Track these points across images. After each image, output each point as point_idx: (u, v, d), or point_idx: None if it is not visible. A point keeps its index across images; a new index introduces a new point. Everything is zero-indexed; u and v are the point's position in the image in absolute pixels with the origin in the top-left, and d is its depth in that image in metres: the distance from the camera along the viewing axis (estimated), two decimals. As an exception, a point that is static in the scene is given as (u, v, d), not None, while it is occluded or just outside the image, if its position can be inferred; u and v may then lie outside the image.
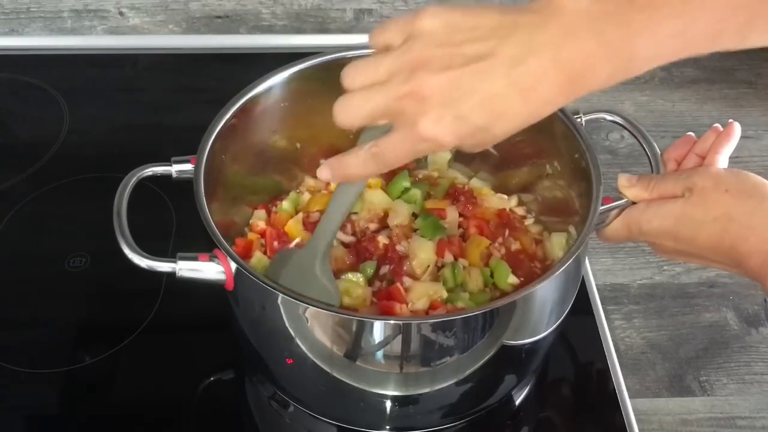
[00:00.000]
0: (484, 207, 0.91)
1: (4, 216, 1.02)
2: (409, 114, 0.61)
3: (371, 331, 0.71)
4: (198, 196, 0.75)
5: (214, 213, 0.76)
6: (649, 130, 0.84)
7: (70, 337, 0.91)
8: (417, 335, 0.70)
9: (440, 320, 0.72)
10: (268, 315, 0.73)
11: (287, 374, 0.81)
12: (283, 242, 0.86)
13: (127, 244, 0.73)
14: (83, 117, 1.16)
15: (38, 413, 0.86)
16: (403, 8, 1.28)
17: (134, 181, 0.78)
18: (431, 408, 0.80)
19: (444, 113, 0.60)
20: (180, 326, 0.93)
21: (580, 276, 0.81)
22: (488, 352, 0.73)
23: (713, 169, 0.77)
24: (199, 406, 0.86)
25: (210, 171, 0.78)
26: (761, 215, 0.72)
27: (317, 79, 0.88)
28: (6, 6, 1.25)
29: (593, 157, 0.79)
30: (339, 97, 0.65)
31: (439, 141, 0.61)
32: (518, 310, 0.72)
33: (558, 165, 0.86)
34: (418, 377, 0.75)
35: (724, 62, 1.28)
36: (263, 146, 0.89)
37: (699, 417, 0.87)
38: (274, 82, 0.86)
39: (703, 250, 0.75)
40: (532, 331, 0.76)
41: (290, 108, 0.89)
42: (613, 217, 0.79)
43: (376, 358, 0.72)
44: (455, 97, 0.60)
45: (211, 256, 0.72)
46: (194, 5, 1.27)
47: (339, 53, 0.88)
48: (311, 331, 0.72)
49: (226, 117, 0.82)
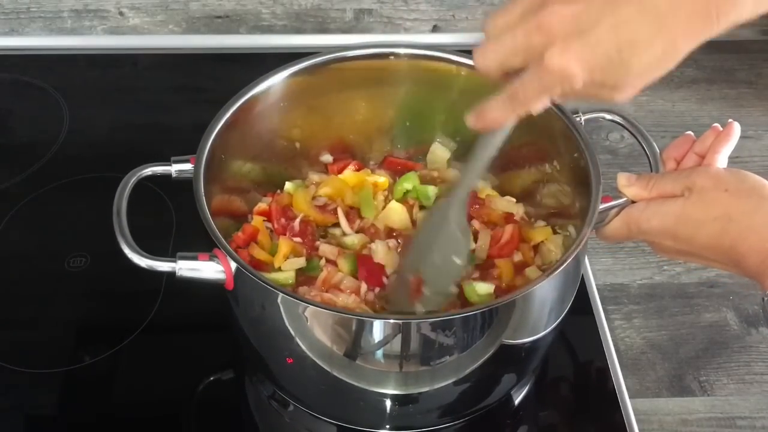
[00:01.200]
0: (491, 209, 0.91)
1: (4, 216, 1.02)
2: (537, 48, 0.60)
3: (371, 330, 0.71)
4: (198, 195, 0.75)
5: (214, 212, 0.76)
6: (649, 130, 0.84)
7: (70, 337, 0.91)
8: (417, 334, 0.71)
9: (440, 319, 0.72)
10: (267, 314, 0.73)
11: (287, 373, 0.81)
12: (289, 218, 0.87)
13: (126, 243, 0.73)
14: (83, 117, 1.16)
15: (38, 413, 0.86)
16: (403, 8, 1.28)
17: (134, 180, 0.78)
18: (431, 407, 0.80)
19: (570, 42, 0.58)
20: (180, 326, 0.93)
21: (580, 275, 0.81)
22: (488, 351, 0.74)
23: (713, 168, 0.77)
24: (198, 405, 0.86)
25: (209, 170, 0.78)
26: (761, 215, 0.72)
27: (316, 78, 0.88)
28: (6, 6, 1.25)
29: (593, 156, 0.79)
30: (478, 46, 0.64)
31: (567, 72, 0.59)
32: (518, 309, 0.72)
33: (557, 164, 0.86)
34: (417, 376, 0.75)
35: (724, 62, 1.28)
36: (262, 145, 0.90)
37: (699, 417, 0.87)
38: (273, 82, 0.86)
39: (702, 249, 0.75)
40: (531, 330, 0.76)
41: (289, 107, 0.89)
42: (612, 216, 0.79)
43: (375, 357, 0.72)
44: (583, 27, 0.58)
45: (211, 255, 0.72)
46: (194, 5, 1.27)
47: (337, 53, 0.88)
48: (311, 330, 0.72)
49: (226, 117, 0.82)
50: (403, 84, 0.92)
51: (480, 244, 0.87)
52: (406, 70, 0.90)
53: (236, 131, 0.83)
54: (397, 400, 0.78)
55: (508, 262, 0.85)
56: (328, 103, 0.92)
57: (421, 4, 1.28)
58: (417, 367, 0.74)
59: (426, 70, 0.90)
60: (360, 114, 0.92)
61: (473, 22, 1.30)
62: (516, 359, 0.80)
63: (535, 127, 0.86)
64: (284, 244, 0.84)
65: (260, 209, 0.89)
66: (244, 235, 0.85)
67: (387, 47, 0.90)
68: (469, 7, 1.29)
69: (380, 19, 1.29)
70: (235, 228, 0.86)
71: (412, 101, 0.92)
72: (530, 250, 0.87)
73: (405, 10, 1.29)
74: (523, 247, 0.87)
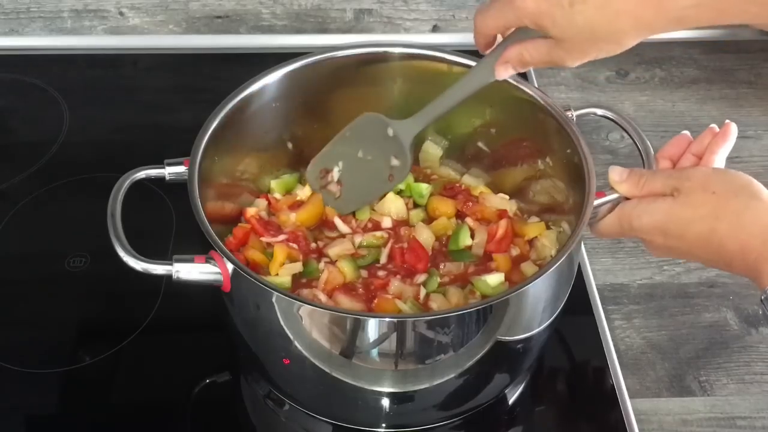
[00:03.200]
0: (485, 206, 0.91)
1: (4, 216, 1.02)
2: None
3: (366, 329, 0.71)
4: (192, 198, 0.75)
5: (210, 213, 0.76)
6: (649, 130, 0.84)
7: (70, 337, 0.91)
8: (412, 332, 0.71)
9: (435, 317, 0.72)
10: (264, 315, 0.73)
11: (283, 373, 0.81)
12: (274, 230, 0.87)
13: (122, 246, 0.73)
14: (83, 117, 1.16)
15: (38, 413, 0.86)
16: (403, 8, 1.28)
17: (128, 183, 0.78)
18: (426, 405, 0.80)
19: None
20: (180, 326, 0.93)
21: (574, 272, 0.81)
22: (483, 348, 0.74)
23: (703, 169, 0.78)
24: (197, 405, 0.86)
25: (204, 172, 0.78)
26: (749, 213, 0.72)
27: (308, 78, 0.89)
28: (6, 6, 1.25)
29: (585, 152, 0.79)
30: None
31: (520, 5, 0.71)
32: (512, 306, 0.72)
33: (550, 161, 0.87)
34: (413, 374, 0.75)
35: (724, 62, 1.28)
36: (255, 146, 0.90)
37: (699, 417, 0.87)
38: (266, 82, 0.87)
39: (692, 248, 0.75)
40: (525, 327, 0.77)
41: (282, 107, 0.89)
42: (605, 211, 0.80)
43: (371, 355, 0.72)
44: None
45: (208, 257, 0.72)
46: (194, 5, 1.27)
47: (328, 53, 0.89)
48: (307, 329, 0.72)
49: (218, 119, 0.82)
50: (396, 83, 0.92)
51: (477, 240, 0.87)
52: (398, 69, 0.91)
53: (229, 133, 0.84)
54: (393, 399, 0.78)
55: (505, 257, 0.86)
56: (321, 102, 0.92)
57: (421, 4, 1.28)
58: (413, 365, 0.74)
59: (417, 68, 0.90)
60: (353, 113, 0.92)
61: (473, 22, 1.30)
62: (511, 356, 0.80)
63: (527, 124, 0.86)
64: (279, 251, 0.84)
65: (250, 214, 0.89)
66: (235, 240, 0.85)
67: (379, 47, 0.90)
68: (469, 7, 1.29)
69: (380, 19, 1.29)
70: (229, 231, 0.86)
71: (404, 100, 0.92)
72: (526, 244, 0.88)
73: (405, 10, 1.29)
74: (519, 242, 0.88)
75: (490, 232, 0.88)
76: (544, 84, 1.21)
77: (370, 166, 0.88)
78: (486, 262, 0.86)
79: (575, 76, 1.24)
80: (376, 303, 0.81)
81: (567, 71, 1.24)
